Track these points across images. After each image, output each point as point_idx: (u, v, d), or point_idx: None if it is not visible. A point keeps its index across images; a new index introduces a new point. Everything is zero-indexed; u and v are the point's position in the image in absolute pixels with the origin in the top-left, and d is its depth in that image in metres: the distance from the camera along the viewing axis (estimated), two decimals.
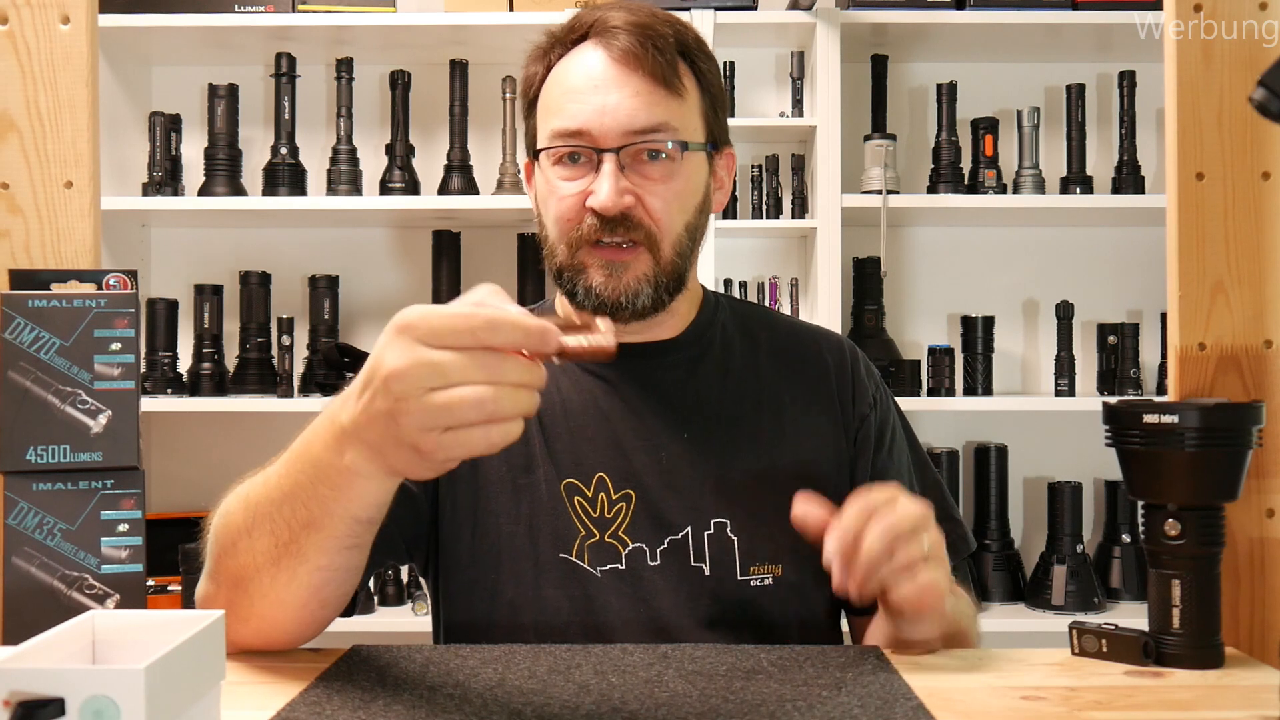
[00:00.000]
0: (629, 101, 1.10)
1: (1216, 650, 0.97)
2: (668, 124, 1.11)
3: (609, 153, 1.10)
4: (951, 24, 2.37)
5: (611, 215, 1.09)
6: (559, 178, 1.13)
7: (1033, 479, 2.61)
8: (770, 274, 2.59)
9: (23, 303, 0.99)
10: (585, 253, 1.12)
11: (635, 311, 1.13)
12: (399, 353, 0.77)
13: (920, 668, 0.95)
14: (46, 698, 0.61)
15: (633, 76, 1.10)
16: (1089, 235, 2.62)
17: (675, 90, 1.12)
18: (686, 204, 1.14)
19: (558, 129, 1.12)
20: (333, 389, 2.41)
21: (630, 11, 1.13)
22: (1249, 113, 1.06)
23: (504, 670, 0.93)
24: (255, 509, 0.93)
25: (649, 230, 1.11)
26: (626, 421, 1.16)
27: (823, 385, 1.21)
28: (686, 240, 1.15)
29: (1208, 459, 0.95)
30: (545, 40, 1.18)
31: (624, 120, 1.10)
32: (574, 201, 1.12)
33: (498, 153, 2.50)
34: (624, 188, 1.10)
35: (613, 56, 1.11)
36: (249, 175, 2.53)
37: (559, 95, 1.13)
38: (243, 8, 2.41)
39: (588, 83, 1.11)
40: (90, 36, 1.10)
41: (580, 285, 1.12)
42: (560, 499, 1.13)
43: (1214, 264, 1.09)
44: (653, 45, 1.10)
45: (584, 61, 1.13)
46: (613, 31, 1.11)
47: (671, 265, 1.13)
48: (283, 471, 0.92)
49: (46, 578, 0.98)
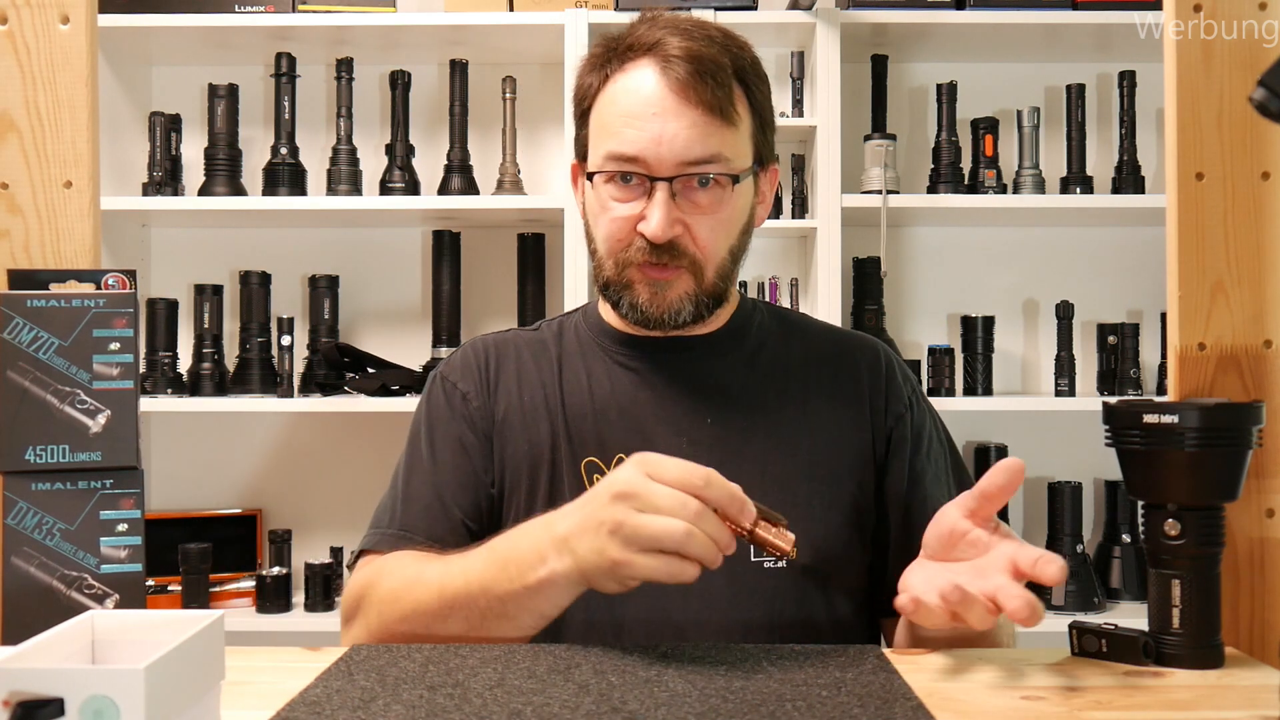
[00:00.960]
0: (685, 133, 1.12)
1: (1216, 650, 0.97)
2: (720, 155, 1.14)
3: (662, 182, 1.13)
4: (951, 24, 2.37)
5: (661, 243, 1.14)
6: (611, 198, 1.17)
7: (1033, 479, 2.61)
8: (770, 274, 2.59)
9: (21, 303, 0.99)
10: (633, 271, 1.17)
11: (676, 325, 1.19)
12: (631, 477, 0.94)
13: (920, 668, 0.95)
14: (46, 698, 0.61)
15: (689, 108, 1.13)
16: (1089, 235, 2.62)
17: (729, 120, 1.14)
18: (732, 230, 1.19)
19: (614, 151, 1.15)
20: (333, 389, 2.41)
21: (690, 37, 1.15)
22: (1249, 113, 1.06)
23: (504, 670, 0.93)
24: (452, 599, 1.04)
25: (694, 257, 1.16)
26: (651, 407, 1.21)
27: (852, 384, 1.24)
28: (729, 263, 1.20)
29: (1208, 459, 0.95)
30: (601, 50, 1.19)
31: (680, 151, 1.12)
32: (625, 224, 1.16)
33: (498, 153, 2.50)
34: (675, 218, 1.14)
35: (670, 86, 1.13)
36: (249, 175, 2.53)
37: (615, 116, 1.15)
38: (243, 8, 2.41)
39: (645, 109, 1.13)
40: (90, 36, 1.10)
41: (626, 300, 1.19)
42: (577, 479, 1.18)
43: (1214, 264, 1.09)
44: (711, 77, 1.13)
45: (641, 84, 1.14)
46: (672, 60, 1.13)
47: (713, 286, 1.19)
48: (482, 567, 1.03)
49: (46, 577, 0.98)
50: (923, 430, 1.25)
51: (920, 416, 1.25)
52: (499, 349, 1.28)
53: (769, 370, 1.24)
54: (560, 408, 1.21)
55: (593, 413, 1.21)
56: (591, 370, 1.24)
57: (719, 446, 1.19)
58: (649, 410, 1.21)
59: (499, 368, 1.26)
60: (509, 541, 1.03)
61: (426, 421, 1.25)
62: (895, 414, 1.23)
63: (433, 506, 1.18)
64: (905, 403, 1.24)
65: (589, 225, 1.22)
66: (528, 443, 1.21)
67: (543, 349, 1.27)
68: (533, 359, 1.26)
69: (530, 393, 1.23)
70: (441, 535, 1.16)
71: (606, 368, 1.24)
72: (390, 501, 1.22)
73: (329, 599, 2.40)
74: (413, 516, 1.18)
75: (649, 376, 1.23)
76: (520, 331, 1.32)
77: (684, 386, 1.22)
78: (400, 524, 1.18)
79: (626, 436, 1.19)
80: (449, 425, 1.23)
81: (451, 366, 1.28)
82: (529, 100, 2.57)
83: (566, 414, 1.21)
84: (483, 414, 1.23)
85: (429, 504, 1.19)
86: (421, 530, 1.17)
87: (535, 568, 0.98)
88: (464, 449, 1.21)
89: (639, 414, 1.21)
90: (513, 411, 1.22)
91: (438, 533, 1.17)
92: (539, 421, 1.21)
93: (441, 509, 1.18)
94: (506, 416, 1.22)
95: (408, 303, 2.64)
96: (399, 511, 1.19)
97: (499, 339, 1.30)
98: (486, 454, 1.22)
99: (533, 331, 1.31)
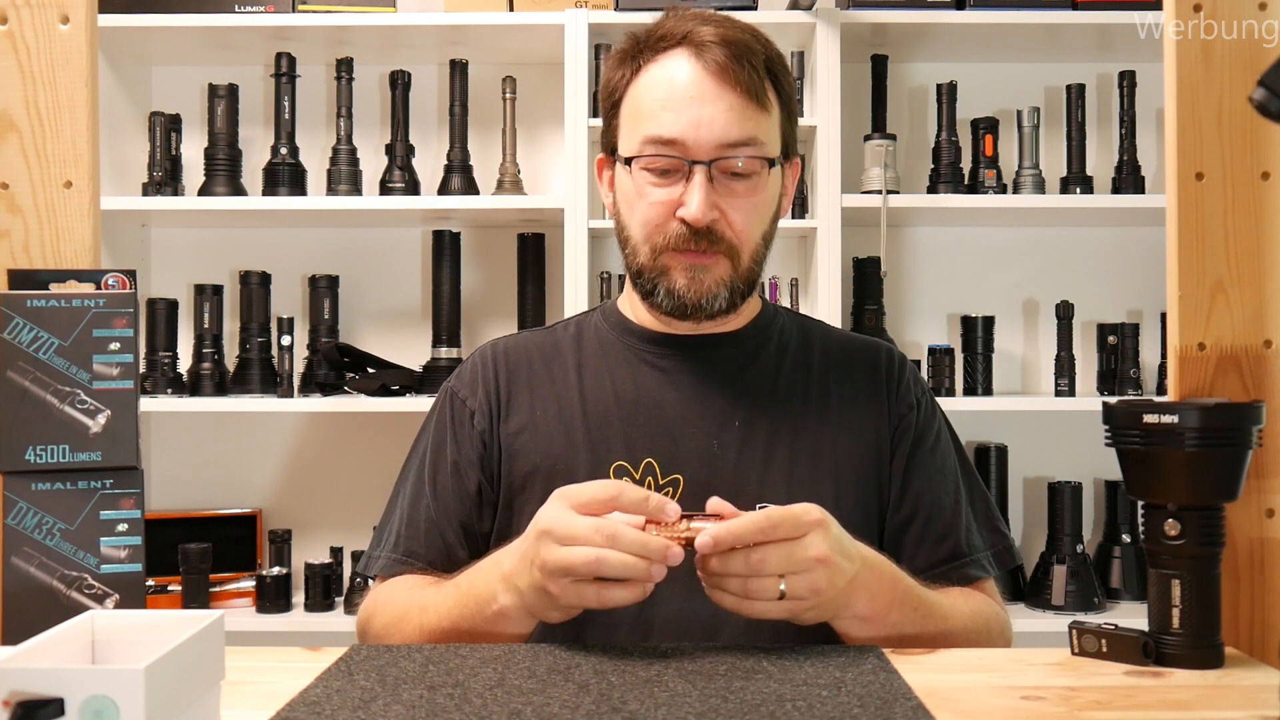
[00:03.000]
0: (723, 115, 1.14)
1: (1216, 650, 0.97)
2: (756, 138, 1.15)
3: (700, 165, 1.14)
4: (951, 24, 2.37)
5: (700, 227, 1.14)
6: (648, 183, 1.17)
7: (1033, 479, 2.61)
8: (770, 274, 2.59)
9: (21, 303, 0.99)
10: (669, 256, 1.17)
11: (710, 313, 1.19)
12: (549, 512, 0.97)
13: (920, 668, 0.95)
14: (46, 698, 0.61)
15: (727, 90, 1.14)
16: (1089, 235, 2.62)
17: (764, 105, 1.16)
18: (765, 215, 1.20)
19: (652, 135, 1.15)
20: (333, 389, 2.41)
21: (721, 25, 1.17)
22: (1249, 113, 1.06)
23: (504, 670, 0.93)
24: (430, 634, 1.09)
25: (730, 242, 1.17)
26: (679, 409, 1.21)
27: (869, 388, 1.25)
28: (763, 248, 1.21)
29: (1208, 459, 0.95)
30: (630, 45, 1.20)
31: (719, 133, 1.14)
32: (663, 209, 1.16)
33: (498, 153, 2.50)
34: (713, 201, 1.15)
35: (708, 70, 1.14)
36: (249, 175, 2.53)
37: (653, 101, 1.16)
38: (243, 8, 2.41)
39: (683, 93, 1.14)
40: (90, 36, 1.10)
41: (662, 287, 1.18)
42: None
43: (1214, 264, 1.09)
44: (747, 61, 1.14)
45: (677, 71, 1.16)
46: (708, 45, 1.15)
47: (748, 272, 1.20)
48: (450, 605, 1.08)
49: (46, 578, 0.98)
50: (928, 430, 1.25)
51: (928, 416, 1.26)
52: (510, 359, 1.27)
53: (793, 372, 1.25)
54: (580, 417, 1.21)
55: (619, 417, 1.21)
56: (615, 372, 1.24)
57: (747, 449, 1.19)
58: (677, 411, 1.21)
59: (510, 381, 1.25)
60: (470, 578, 1.08)
61: (433, 440, 1.26)
62: (900, 413, 1.24)
63: (431, 533, 1.22)
64: (912, 402, 1.25)
65: (621, 215, 1.22)
66: (539, 455, 1.20)
67: (557, 354, 1.27)
68: (545, 367, 1.26)
69: (543, 406, 1.23)
70: (439, 561, 1.21)
71: (631, 368, 1.24)
72: (393, 521, 1.25)
73: (329, 599, 2.40)
74: (413, 541, 1.22)
75: (676, 375, 1.23)
76: (534, 334, 1.31)
77: (712, 386, 1.22)
78: (404, 549, 1.22)
79: (654, 438, 1.19)
80: (452, 447, 1.24)
81: (461, 380, 1.28)
82: (529, 100, 2.57)
83: (588, 422, 1.21)
84: (490, 434, 1.23)
85: (428, 529, 1.22)
86: (421, 556, 1.22)
87: (489, 603, 1.03)
88: (463, 474, 1.22)
89: (666, 415, 1.21)
90: (525, 429, 1.22)
91: (436, 559, 1.21)
92: (553, 435, 1.21)
93: (439, 536, 1.21)
94: (518, 433, 1.22)
95: (408, 303, 2.64)
96: (401, 535, 1.23)
97: (511, 346, 1.29)
98: (491, 474, 1.22)
99: (547, 333, 1.30)
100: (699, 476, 1.18)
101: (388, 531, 1.25)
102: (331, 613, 2.38)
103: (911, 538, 1.21)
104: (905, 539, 1.21)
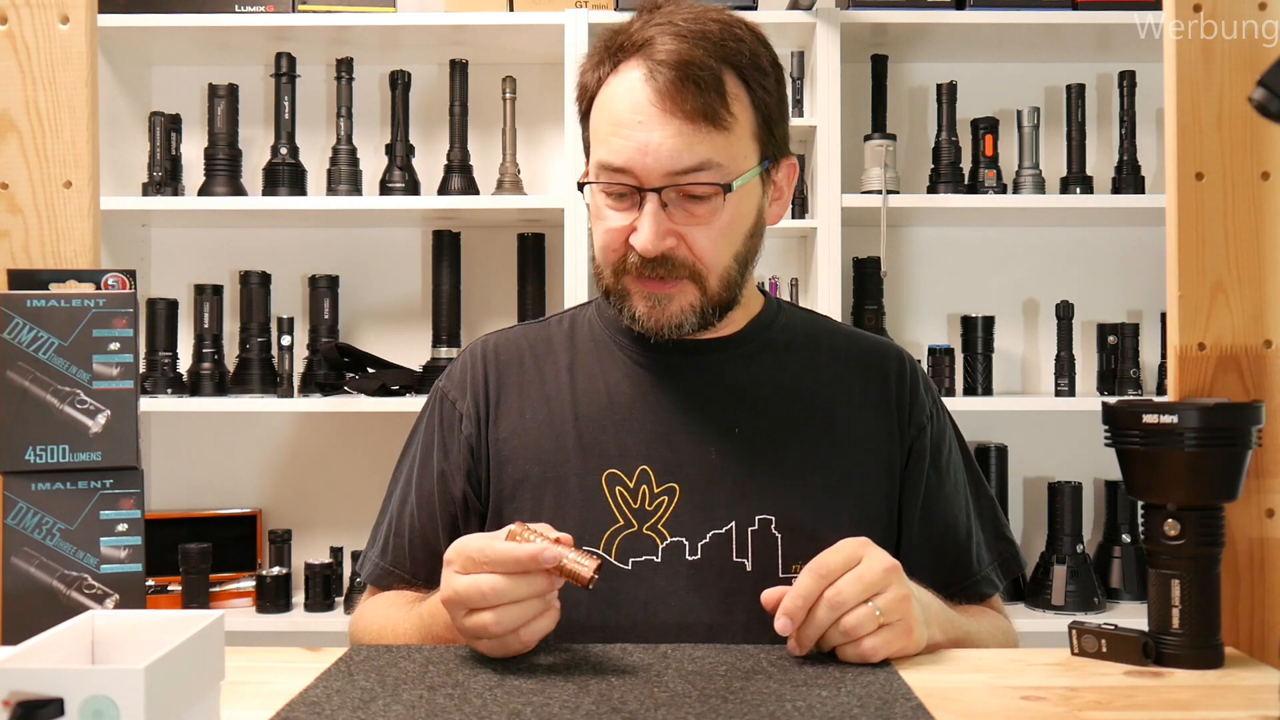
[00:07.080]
0: (670, 142, 1.07)
1: (1216, 650, 0.97)
2: (710, 162, 1.08)
3: (651, 193, 1.08)
4: (951, 24, 2.36)
5: (652, 257, 1.10)
6: (606, 207, 1.13)
7: (1033, 479, 2.61)
8: (770, 274, 2.59)
9: (21, 303, 0.99)
10: (629, 280, 1.13)
11: (679, 337, 1.15)
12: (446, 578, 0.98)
13: (920, 668, 0.95)
14: (46, 698, 0.61)
15: (672, 116, 1.07)
16: (1089, 235, 2.62)
17: (719, 124, 1.08)
18: (734, 236, 1.13)
19: (603, 161, 1.11)
20: (333, 389, 2.41)
21: (681, 36, 1.08)
22: (1249, 113, 1.06)
23: (504, 670, 0.93)
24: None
25: (694, 268, 1.11)
26: (676, 415, 1.17)
27: (881, 392, 1.21)
28: (735, 269, 1.14)
29: (1207, 459, 0.95)
30: (600, 47, 1.14)
31: (665, 161, 1.07)
32: (618, 235, 1.12)
33: (498, 153, 2.50)
34: (666, 229, 1.09)
35: (656, 91, 1.07)
36: (249, 175, 2.53)
37: (605, 123, 1.11)
38: (243, 8, 2.41)
39: (631, 116, 1.08)
40: (90, 36, 1.10)
41: (627, 310, 1.14)
42: (595, 490, 1.14)
43: (1214, 264, 1.09)
44: (694, 83, 1.06)
45: (628, 90, 1.09)
46: (658, 66, 1.07)
47: (719, 296, 1.14)
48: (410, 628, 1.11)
49: (46, 578, 0.98)
50: (942, 441, 1.22)
51: (941, 428, 1.23)
52: (501, 358, 1.23)
53: (797, 375, 1.20)
54: (572, 420, 1.17)
55: (613, 421, 1.17)
56: (609, 372, 1.19)
57: (749, 458, 1.15)
58: (673, 417, 1.16)
59: (500, 381, 1.21)
60: (429, 603, 1.09)
61: (423, 444, 1.24)
62: (918, 425, 1.20)
63: (415, 543, 1.22)
64: (927, 413, 1.22)
65: (591, 230, 1.18)
66: (529, 463, 1.17)
67: (550, 351, 1.22)
68: (536, 366, 1.22)
69: (534, 408, 1.19)
70: (422, 573, 1.21)
71: (626, 369, 1.19)
72: (384, 525, 1.25)
73: (329, 599, 2.40)
74: (399, 551, 1.22)
75: (671, 379, 1.18)
76: (527, 328, 1.27)
77: (709, 391, 1.18)
78: (391, 558, 1.23)
79: (650, 446, 1.15)
80: (440, 454, 1.21)
81: (451, 380, 1.25)
82: (529, 100, 2.57)
83: (580, 425, 1.17)
84: (478, 440, 1.20)
85: (412, 539, 1.22)
86: (405, 568, 1.22)
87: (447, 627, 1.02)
88: (450, 483, 1.20)
89: (662, 421, 1.16)
90: (514, 434, 1.19)
91: (419, 571, 1.21)
92: (543, 440, 1.17)
93: (423, 547, 1.21)
94: (507, 439, 1.19)
95: (408, 303, 2.64)
96: (390, 542, 1.23)
97: (502, 343, 1.25)
98: (478, 482, 1.20)
99: (540, 328, 1.26)
100: (697, 485, 1.14)
101: (378, 534, 1.25)
102: (331, 613, 2.38)
103: (926, 561, 1.17)
104: (919, 562, 1.15)
